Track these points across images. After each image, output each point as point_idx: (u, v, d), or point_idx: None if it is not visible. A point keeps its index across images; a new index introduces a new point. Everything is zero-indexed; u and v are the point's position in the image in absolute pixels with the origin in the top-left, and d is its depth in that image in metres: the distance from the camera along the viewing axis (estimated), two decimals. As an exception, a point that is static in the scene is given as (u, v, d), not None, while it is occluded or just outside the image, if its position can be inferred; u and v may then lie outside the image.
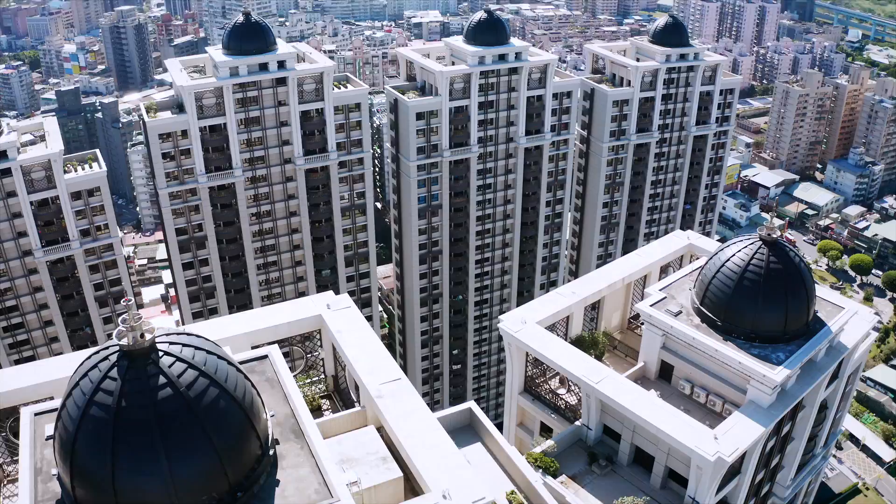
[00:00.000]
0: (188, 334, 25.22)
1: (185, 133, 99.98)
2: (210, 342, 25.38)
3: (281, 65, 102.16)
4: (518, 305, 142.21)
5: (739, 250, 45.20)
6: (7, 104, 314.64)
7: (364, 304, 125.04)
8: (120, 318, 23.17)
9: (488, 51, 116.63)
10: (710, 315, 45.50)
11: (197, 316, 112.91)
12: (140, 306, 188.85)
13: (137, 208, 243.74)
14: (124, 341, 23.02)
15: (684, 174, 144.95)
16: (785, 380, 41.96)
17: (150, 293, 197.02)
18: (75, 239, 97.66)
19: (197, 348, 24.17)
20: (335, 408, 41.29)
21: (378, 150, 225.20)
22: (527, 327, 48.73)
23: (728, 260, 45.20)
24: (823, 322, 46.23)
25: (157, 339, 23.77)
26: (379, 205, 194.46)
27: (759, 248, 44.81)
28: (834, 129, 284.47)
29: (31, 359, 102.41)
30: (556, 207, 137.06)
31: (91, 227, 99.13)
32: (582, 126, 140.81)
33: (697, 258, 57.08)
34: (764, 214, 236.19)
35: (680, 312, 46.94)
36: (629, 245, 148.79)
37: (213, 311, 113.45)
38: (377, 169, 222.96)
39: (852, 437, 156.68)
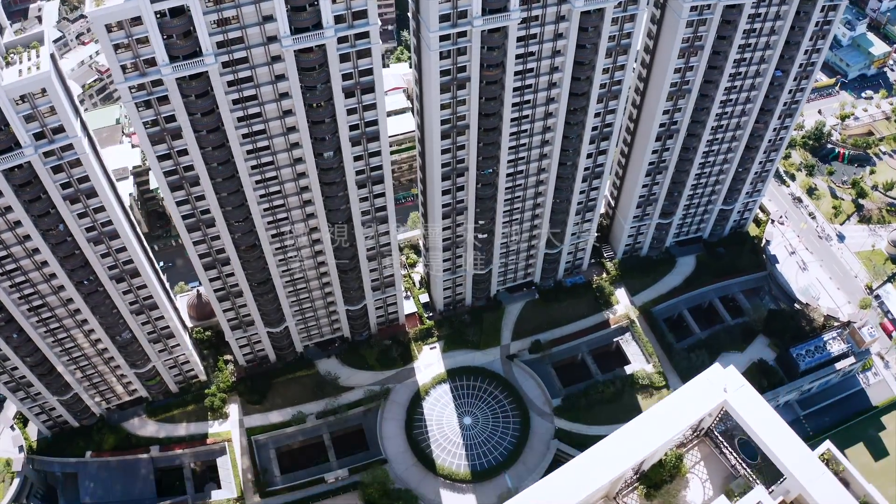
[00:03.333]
0: None
1: (138, 20, 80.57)
2: None
3: (251, -70, 78.05)
4: (559, 176, 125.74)
5: None
6: None
7: (375, 181, 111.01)
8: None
9: None
10: None
11: (182, 203, 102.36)
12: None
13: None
14: None
15: (781, 38, 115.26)
16: None
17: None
18: (28, 145, 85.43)
19: None
20: None
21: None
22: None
23: None
24: None
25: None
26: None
27: None
28: None
29: (6, 258, 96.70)
30: (616, 74, 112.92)
31: (45, 129, 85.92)
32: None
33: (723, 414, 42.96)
34: (870, 36, 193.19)
35: None
36: (700, 114, 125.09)
37: (200, 198, 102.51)
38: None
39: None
